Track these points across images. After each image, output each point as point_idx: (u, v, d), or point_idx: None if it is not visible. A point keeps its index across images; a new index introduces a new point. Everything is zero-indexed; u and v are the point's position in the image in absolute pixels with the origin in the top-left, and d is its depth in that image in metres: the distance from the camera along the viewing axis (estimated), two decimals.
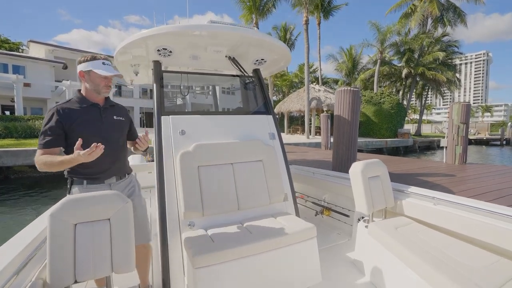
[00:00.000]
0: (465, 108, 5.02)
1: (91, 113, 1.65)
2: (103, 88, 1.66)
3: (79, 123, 1.58)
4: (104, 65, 1.63)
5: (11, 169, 9.35)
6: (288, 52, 2.89)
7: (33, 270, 1.36)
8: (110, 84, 1.68)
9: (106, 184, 1.68)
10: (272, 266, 1.91)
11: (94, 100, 1.69)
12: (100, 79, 1.63)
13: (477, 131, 34.65)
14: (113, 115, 1.76)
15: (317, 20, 22.21)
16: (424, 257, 1.69)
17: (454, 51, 27.06)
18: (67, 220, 1.30)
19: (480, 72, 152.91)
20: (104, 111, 1.71)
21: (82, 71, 1.65)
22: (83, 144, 1.45)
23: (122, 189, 1.76)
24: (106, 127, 1.68)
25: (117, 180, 1.73)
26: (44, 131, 1.55)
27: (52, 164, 1.47)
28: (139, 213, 1.80)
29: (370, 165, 2.44)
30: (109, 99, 1.79)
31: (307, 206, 3.76)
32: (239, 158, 2.46)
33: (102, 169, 1.63)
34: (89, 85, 1.66)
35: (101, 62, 1.63)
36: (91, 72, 1.62)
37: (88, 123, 1.62)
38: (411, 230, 2.09)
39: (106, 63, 1.66)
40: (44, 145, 1.53)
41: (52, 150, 1.54)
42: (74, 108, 1.62)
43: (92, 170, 1.60)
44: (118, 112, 1.81)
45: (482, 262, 1.62)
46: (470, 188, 3.09)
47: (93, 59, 1.64)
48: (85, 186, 1.62)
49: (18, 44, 30.26)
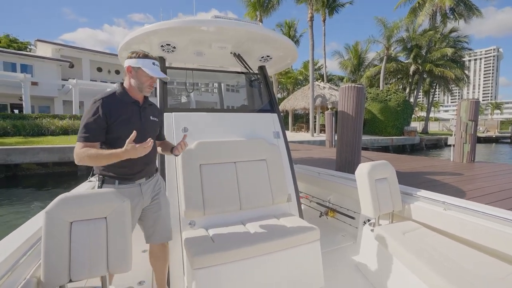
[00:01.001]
0: (473, 105, 4.90)
1: (131, 111, 1.64)
2: (146, 87, 1.64)
3: (120, 121, 1.56)
4: (153, 66, 1.62)
5: (19, 167, 9.50)
6: (294, 49, 2.83)
7: (28, 268, 1.34)
8: (153, 85, 1.67)
9: (137, 184, 1.67)
10: (273, 269, 1.87)
11: (135, 97, 1.68)
12: (146, 78, 1.62)
13: (486, 129, 33.97)
14: (150, 115, 1.74)
15: (322, 16, 21.96)
16: (433, 265, 1.61)
17: (463, 47, 26.47)
18: (63, 218, 1.28)
19: (489, 68, 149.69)
20: (143, 110, 1.70)
21: (131, 66, 1.62)
22: (121, 143, 1.44)
23: (151, 188, 1.75)
24: (143, 127, 1.66)
25: (146, 179, 1.72)
26: (87, 123, 1.48)
27: (99, 156, 1.43)
28: (163, 212, 1.80)
29: (377, 166, 2.34)
30: (147, 98, 1.77)
31: (311, 207, 3.70)
32: (242, 156, 2.43)
33: (135, 170, 1.62)
34: (134, 82, 1.64)
35: (151, 61, 1.62)
36: (140, 69, 1.60)
37: (128, 121, 1.60)
38: (419, 236, 2.01)
39: (156, 63, 1.64)
40: (86, 139, 1.46)
41: (93, 144, 1.48)
42: (117, 103, 1.60)
43: (126, 170, 1.58)
44: (154, 112, 1.79)
45: (497, 273, 1.52)
46: (479, 188, 3.01)
47: (144, 57, 1.62)
48: (117, 186, 1.60)
49: (26, 43, 30.69)
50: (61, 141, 10.94)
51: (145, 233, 1.79)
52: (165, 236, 1.81)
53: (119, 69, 25.79)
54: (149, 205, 1.75)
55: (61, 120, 13.86)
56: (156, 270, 1.89)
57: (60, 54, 22.04)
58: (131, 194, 1.62)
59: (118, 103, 1.59)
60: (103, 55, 24.60)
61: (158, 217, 1.77)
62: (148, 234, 1.78)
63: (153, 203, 1.76)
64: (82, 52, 23.44)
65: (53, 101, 21.31)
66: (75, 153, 1.47)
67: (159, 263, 1.87)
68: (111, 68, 25.75)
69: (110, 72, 25.82)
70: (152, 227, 1.76)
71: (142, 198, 1.69)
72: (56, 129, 12.92)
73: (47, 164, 9.85)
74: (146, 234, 1.78)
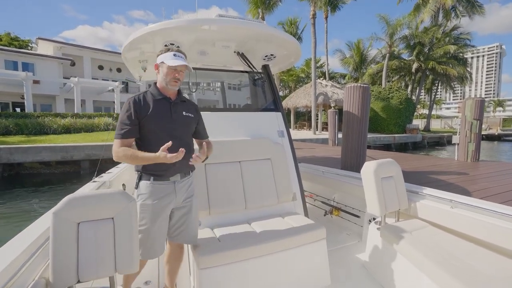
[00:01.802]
0: (478, 104, 4.86)
1: (162, 107, 1.65)
2: (171, 80, 1.62)
3: (150, 117, 1.59)
4: (174, 56, 1.61)
5: (22, 166, 9.53)
6: (298, 47, 2.82)
7: (36, 269, 1.35)
8: (178, 77, 1.64)
9: (171, 182, 1.67)
10: (279, 268, 1.87)
11: (166, 94, 1.68)
12: (169, 70, 1.61)
13: (489, 126, 33.77)
14: (182, 110, 1.72)
15: (324, 14, 21.81)
16: (441, 264, 1.60)
17: (466, 44, 26.26)
18: (70, 219, 1.28)
19: (492, 66, 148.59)
20: (175, 105, 1.69)
21: (157, 63, 1.66)
22: (152, 137, 1.55)
23: (185, 187, 1.74)
24: (174, 122, 1.66)
25: (181, 177, 1.71)
26: (122, 121, 1.56)
27: (133, 158, 1.50)
28: (193, 215, 1.79)
29: (383, 165, 2.32)
30: (181, 94, 1.77)
31: (315, 206, 3.70)
32: (247, 156, 2.42)
33: (167, 166, 1.61)
34: (160, 77, 1.66)
35: (172, 53, 1.62)
36: (163, 64, 1.62)
37: (158, 117, 1.62)
38: (426, 234, 2.00)
39: (178, 54, 1.63)
40: (122, 135, 1.54)
41: (128, 141, 1.56)
42: (148, 100, 1.63)
43: (158, 167, 1.59)
44: (188, 108, 1.77)
45: (504, 271, 1.51)
46: (485, 188, 2.98)
47: (166, 51, 1.63)
48: (151, 182, 1.63)
49: (27, 41, 30.70)
50: (64, 140, 10.96)
51: (169, 232, 1.76)
52: (190, 239, 1.80)
53: (120, 67, 25.76)
54: (180, 205, 1.73)
55: (63, 118, 13.88)
56: (169, 270, 1.89)
57: (61, 52, 22.05)
58: (165, 191, 1.64)
59: (148, 100, 1.63)
60: (105, 53, 24.59)
61: (187, 219, 1.76)
62: (173, 234, 1.76)
63: (185, 204, 1.75)
64: (83, 50, 23.43)
65: (54, 99, 21.35)
66: (113, 150, 1.54)
67: (173, 263, 1.87)
68: (112, 66, 25.73)
69: (111, 70, 25.81)
70: (179, 228, 1.75)
71: (175, 196, 1.68)
72: (58, 127, 12.94)
73: (50, 163, 9.87)
74: (170, 233, 1.76)
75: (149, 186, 1.62)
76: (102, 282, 1.56)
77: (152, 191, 1.62)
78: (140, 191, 1.64)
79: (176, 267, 1.89)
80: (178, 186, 1.69)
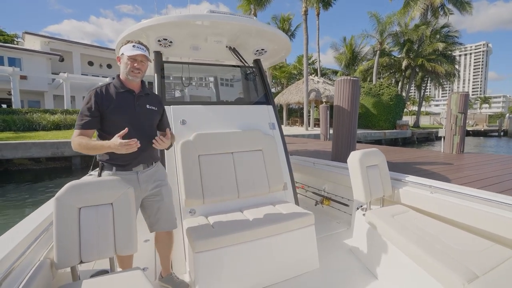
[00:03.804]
0: (463, 98, 5.04)
1: (125, 99, 1.67)
2: (130, 70, 1.64)
3: (112, 108, 1.61)
4: (133, 48, 1.64)
5: (11, 162, 9.36)
6: (288, 42, 2.89)
7: (42, 250, 1.42)
8: (138, 67, 1.66)
9: (134, 172, 1.70)
10: (270, 252, 1.96)
11: (129, 86, 1.70)
12: (129, 60, 1.64)
13: (475, 122, 34.74)
14: (146, 103, 1.75)
15: (316, 10, 21.91)
16: (418, 243, 1.72)
17: (455, 41, 26.83)
18: (72, 204, 1.35)
19: (479, 63, 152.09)
20: (138, 98, 1.71)
21: (118, 56, 1.70)
22: (114, 130, 1.52)
23: (149, 177, 1.76)
24: (137, 115, 1.69)
25: (144, 168, 1.74)
26: (82, 112, 1.59)
27: (87, 147, 1.52)
28: (166, 201, 1.83)
29: (368, 154, 2.45)
30: (145, 86, 1.79)
31: (307, 196, 3.81)
32: (239, 147, 2.50)
33: (130, 158, 1.64)
34: (121, 69, 1.69)
35: (131, 45, 1.65)
36: (123, 55, 1.65)
37: (121, 109, 1.63)
38: (407, 218, 2.12)
39: (137, 45, 1.65)
40: (81, 126, 1.56)
41: (87, 132, 1.58)
42: (111, 92, 1.65)
43: (121, 158, 1.61)
44: (152, 101, 1.80)
45: (475, 247, 1.64)
46: (467, 176, 3.15)
47: (126, 43, 1.67)
48: (114, 172, 1.65)
49: (13, 36, 29.76)
50: (54, 136, 10.78)
51: (148, 222, 1.82)
52: (169, 225, 1.85)
53: (111, 63, 25.32)
54: (150, 195, 1.77)
55: (52, 115, 13.61)
56: (161, 255, 1.95)
57: (49, 47, 21.51)
58: (128, 182, 1.64)
59: (112, 92, 1.65)
60: (95, 48, 24.11)
61: (161, 206, 1.80)
62: (152, 223, 1.81)
63: (154, 193, 1.78)
64: (72, 45, 22.92)
65: (43, 95, 20.87)
66: (71, 140, 1.56)
67: (164, 249, 1.93)
68: (103, 62, 25.27)
69: (101, 66, 25.35)
70: (155, 216, 1.79)
71: (139, 186, 1.70)
72: (47, 124, 12.70)
73: (39, 160, 9.72)
74: (150, 222, 1.81)
75: (112, 176, 1.64)
76: (103, 265, 1.63)
77: None
78: None
79: (167, 252, 1.95)
80: (141, 176, 1.72)
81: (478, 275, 1.39)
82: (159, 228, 1.82)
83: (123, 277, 1.35)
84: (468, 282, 1.34)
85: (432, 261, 1.55)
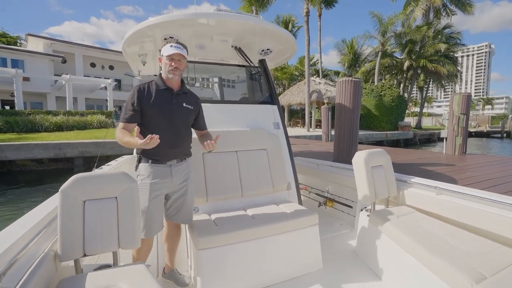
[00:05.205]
0: (465, 99, 5.03)
1: (163, 96, 1.75)
2: (170, 70, 1.72)
3: (152, 104, 1.71)
4: (171, 47, 1.70)
5: (13, 163, 9.40)
6: (294, 42, 2.90)
7: (46, 242, 1.41)
8: (177, 66, 1.72)
9: (168, 165, 1.78)
10: (273, 250, 1.95)
11: (169, 84, 1.78)
12: (167, 60, 1.71)
13: (478, 123, 34.56)
14: (183, 102, 1.82)
15: (318, 11, 21.93)
16: (425, 244, 1.70)
17: (457, 43, 26.75)
18: (77, 197, 1.35)
19: (482, 64, 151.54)
20: (176, 97, 1.79)
21: (160, 57, 1.78)
22: (152, 125, 1.69)
23: (181, 171, 1.85)
24: (173, 112, 1.76)
25: (177, 162, 1.82)
26: (126, 106, 1.71)
27: (122, 141, 1.63)
28: (189, 197, 1.91)
29: (373, 154, 2.42)
30: (184, 86, 1.86)
31: (310, 198, 3.79)
32: (244, 146, 2.50)
33: (163, 152, 1.74)
34: (162, 69, 1.78)
35: (169, 45, 1.72)
36: (162, 56, 1.73)
37: (159, 106, 1.72)
38: (413, 219, 2.10)
39: (174, 45, 1.72)
40: (125, 120, 1.69)
41: (129, 126, 1.70)
42: (152, 89, 1.75)
43: (155, 152, 1.69)
44: (189, 100, 1.87)
45: (482, 249, 1.63)
46: (469, 177, 3.14)
47: (166, 44, 1.74)
48: (150, 164, 1.75)
49: (16, 38, 29.99)
50: (56, 137, 10.83)
51: (167, 212, 1.88)
52: (187, 218, 1.92)
53: (113, 65, 25.46)
54: (176, 188, 1.84)
55: (55, 116, 13.67)
56: (168, 248, 1.99)
57: (51, 49, 21.66)
58: (162, 174, 1.75)
59: (152, 90, 1.74)
60: (97, 50, 24.26)
61: (184, 201, 1.87)
62: (171, 214, 1.88)
63: (181, 187, 1.86)
64: (74, 47, 23.07)
65: (45, 97, 21.00)
66: (115, 131, 1.69)
67: (171, 242, 1.98)
68: (105, 64, 25.41)
69: (104, 67, 25.49)
70: (175, 208, 1.86)
71: (171, 179, 1.79)
72: (50, 125, 12.75)
73: (42, 161, 9.76)
74: (169, 212, 1.88)
75: (148, 168, 1.75)
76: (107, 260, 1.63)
77: (151, 171, 1.74)
78: (139, 172, 1.77)
79: (174, 246, 2.00)
80: (174, 170, 1.80)
81: (486, 276, 1.38)
82: (176, 219, 1.89)
83: (126, 271, 1.35)
84: (476, 282, 1.33)
85: (439, 262, 1.54)
